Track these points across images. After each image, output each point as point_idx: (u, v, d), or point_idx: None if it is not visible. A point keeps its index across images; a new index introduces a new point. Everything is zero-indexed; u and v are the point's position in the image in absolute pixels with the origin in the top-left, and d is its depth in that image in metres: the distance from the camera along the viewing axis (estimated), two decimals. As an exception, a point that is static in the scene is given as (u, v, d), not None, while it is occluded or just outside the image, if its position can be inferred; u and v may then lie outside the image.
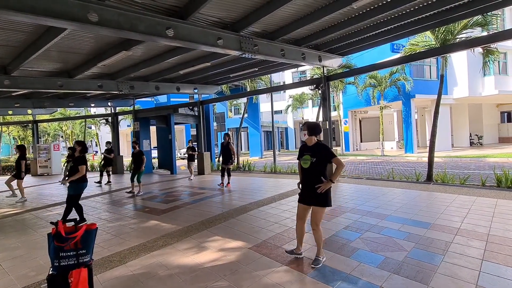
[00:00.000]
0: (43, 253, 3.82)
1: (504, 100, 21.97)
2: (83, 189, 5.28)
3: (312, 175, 3.17)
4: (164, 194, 8.13)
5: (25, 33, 5.79)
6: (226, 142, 8.57)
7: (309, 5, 5.50)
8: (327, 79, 9.06)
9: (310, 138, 3.25)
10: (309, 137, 3.25)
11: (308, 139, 3.26)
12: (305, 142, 3.32)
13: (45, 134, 35.87)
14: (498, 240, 3.63)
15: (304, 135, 3.26)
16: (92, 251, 2.60)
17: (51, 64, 7.95)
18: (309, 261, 3.28)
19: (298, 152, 3.36)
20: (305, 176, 3.24)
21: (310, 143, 3.26)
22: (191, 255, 3.65)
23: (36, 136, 16.87)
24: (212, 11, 5.41)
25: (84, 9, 4.20)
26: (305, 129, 3.26)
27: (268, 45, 6.67)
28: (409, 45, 9.82)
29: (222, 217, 5.31)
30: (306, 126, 3.27)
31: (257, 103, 23.84)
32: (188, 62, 8.68)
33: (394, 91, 19.02)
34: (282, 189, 7.75)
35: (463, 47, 7.33)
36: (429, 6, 5.71)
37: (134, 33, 4.76)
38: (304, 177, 3.26)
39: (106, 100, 14.33)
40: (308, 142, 3.27)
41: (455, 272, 2.89)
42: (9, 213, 6.66)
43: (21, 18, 4.03)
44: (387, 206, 5.44)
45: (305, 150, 3.25)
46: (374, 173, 11.69)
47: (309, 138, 3.25)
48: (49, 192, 9.54)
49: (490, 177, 7.48)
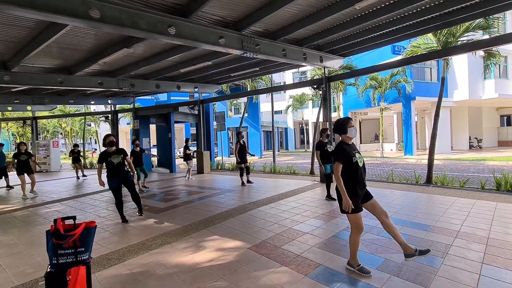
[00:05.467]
0: (41, 250, 3.79)
1: (504, 104, 22.00)
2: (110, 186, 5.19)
3: (364, 172, 3.01)
4: (163, 192, 8.12)
5: (26, 29, 5.76)
6: (242, 141, 8.57)
7: (312, 5, 5.49)
8: (328, 80, 9.04)
9: (350, 137, 3.06)
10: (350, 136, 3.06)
11: (349, 138, 3.05)
12: (344, 141, 3.05)
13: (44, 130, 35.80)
14: (498, 243, 3.62)
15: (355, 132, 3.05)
16: (91, 249, 2.58)
17: (51, 60, 7.92)
18: (308, 261, 3.27)
19: (342, 152, 2.94)
20: (362, 174, 2.97)
21: (350, 141, 3.07)
22: (190, 254, 3.63)
23: (35, 133, 16.83)
24: (214, 10, 5.39)
25: (85, 5, 4.18)
26: (353, 126, 3.03)
27: (269, 44, 6.65)
28: (410, 47, 9.81)
29: (221, 216, 5.29)
30: (352, 123, 3.05)
31: (257, 103, 23.82)
32: (189, 61, 8.66)
33: (395, 93, 19.02)
34: (282, 189, 7.73)
35: (465, 50, 7.31)
36: (431, 8, 5.71)
37: (136, 30, 4.75)
38: (360, 176, 2.95)
39: (106, 97, 14.31)
40: (348, 140, 3.05)
41: (455, 275, 2.87)
42: (7, 209, 6.64)
43: (22, 13, 4.02)
44: (387, 208, 5.33)
45: (351, 149, 2.98)
46: (373, 174, 11.69)
47: (350, 137, 3.06)
48: (48, 189, 9.52)
49: (489, 180, 7.47)
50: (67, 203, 7.06)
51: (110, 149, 5.12)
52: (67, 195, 8.16)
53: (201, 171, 12.15)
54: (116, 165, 5.07)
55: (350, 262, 3.05)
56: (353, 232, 2.99)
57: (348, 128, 3.02)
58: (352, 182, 2.91)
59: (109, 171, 5.08)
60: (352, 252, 3.02)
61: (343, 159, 2.91)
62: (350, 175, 2.91)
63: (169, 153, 13.82)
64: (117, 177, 5.08)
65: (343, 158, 2.91)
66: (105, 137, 5.19)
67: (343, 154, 2.92)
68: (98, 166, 5.14)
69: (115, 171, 5.07)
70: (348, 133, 3.02)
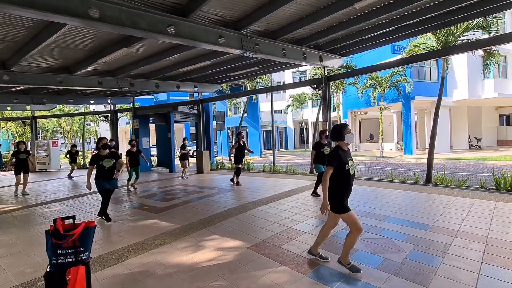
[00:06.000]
0: (40, 250, 3.79)
1: (503, 103, 22.03)
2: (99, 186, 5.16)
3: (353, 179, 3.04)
4: (163, 192, 8.11)
5: (25, 28, 5.75)
6: (242, 142, 8.51)
7: (312, 4, 5.48)
8: (328, 79, 9.04)
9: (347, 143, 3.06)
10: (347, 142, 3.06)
11: (346, 144, 3.06)
12: (341, 146, 3.04)
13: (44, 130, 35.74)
14: (497, 242, 3.62)
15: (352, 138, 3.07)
16: (90, 249, 2.58)
17: (50, 60, 7.90)
18: (308, 261, 3.28)
19: (336, 158, 2.94)
20: (351, 182, 3.03)
21: (346, 148, 3.07)
22: (189, 254, 3.63)
23: (34, 132, 16.80)
24: (214, 9, 5.38)
25: (85, 5, 4.17)
26: (350, 132, 3.05)
27: (269, 44, 6.65)
28: (410, 47, 9.80)
29: (221, 216, 5.29)
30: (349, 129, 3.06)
31: (257, 103, 23.82)
32: (189, 60, 8.65)
33: (394, 93, 19.02)
34: (281, 188, 7.73)
35: (464, 49, 7.32)
36: (431, 7, 5.71)
37: (135, 30, 4.74)
38: (350, 184, 3.01)
39: (106, 97, 14.29)
40: (345, 146, 3.06)
41: (454, 275, 2.88)
42: (6, 209, 6.63)
43: (21, 13, 4.01)
44: (386, 207, 5.43)
45: (346, 156, 3.00)
46: (373, 174, 11.70)
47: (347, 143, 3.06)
48: (47, 189, 9.51)
49: (489, 179, 7.49)
50: (67, 203, 7.06)
51: (103, 152, 5.09)
52: (67, 195, 8.15)
53: (201, 171, 12.14)
54: (107, 169, 5.03)
55: (340, 261, 3.07)
56: (353, 233, 2.99)
57: (346, 135, 3.02)
58: (340, 188, 2.98)
59: (99, 174, 5.05)
60: (345, 251, 3.03)
61: (336, 164, 2.93)
62: (341, 180, 2.96)
63: (168, 152, 13.81)
64: (106, 181, 5.07)
65: (337, 163, 2.94)
66: (98, 140, 5.19)
67: (337, 160, 2.94)
68: (89, 168, 5.11)
69: (105, 175, 5.04)
70: (345, 140, 3.02)
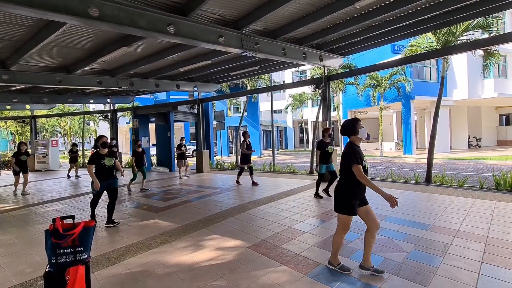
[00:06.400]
0: (40, 250, 3.78)
1: (503, 103, 22.04)
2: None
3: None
4: (163, 191, 8.10)
5: (24, 27, 5.73)
6: (248, 141, 8.47)
7: (312, 3, 5.47)
8: (328, 79, 9.03)
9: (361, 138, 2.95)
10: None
11: (359, 139, 2.94)
12: (354, 142, 2.92)
13: (43, 129, 35.69)
14: (497, 242, 3.62)
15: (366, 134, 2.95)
16: (90, 249, 2.57)
17: (50, 59, 7.88)
18: (308, 260, 3.27)
19: (357, 154, 2.81)
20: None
21: (359, 143, 2.95)
22: (189, 253, 3.62)
23: (34, 132, 16.78)
24: (213, 8, 5.37)
25: (84, 4, 4.16)
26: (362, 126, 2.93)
27: (269, 43, 6.63)
28: (410, 46, 9.80)
29: (220, 215, 5.29)
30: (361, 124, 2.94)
31: (256, 102, 23.80)
32: (189, 60, 8.63)
33: (394, 92, 19.02)
34: (281, 188, 7.73)
35: (464, 49, 7.31)
36: (431, 7, 5.70)
37: (135, 29, 4.73)
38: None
39: (105, 96, 14.27)
40: (358, 142, 2.93)
41: (454, 274, 2.88)
42: (5, 208, 6.62)
43: (20, 12, 3.98)
44: (386, 207, 5.40)
45: (361, 153, 2.88)
46: (373, 173, 11.69)
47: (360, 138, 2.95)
48: (47, 188, 9.49)
49: (488, 179, 7.49)
50: (66, 202, 7.05)
51: (103, 151, 4.87)
52: (66, 194, 8.14)
53: (201, 170, 12.13)
54: (108, 168, 4.83)
55: (330, 261, 3.05)
56: (339, 232, 2.99)
57: (359, 129, 2.88)
58: (353, 185, 2.86)
59: (98, 174, 4.79)
60: (334, 251, 3.02)
61: (359, 159, 2.78)
62: (354, 177, 2.81)
63: (168, 152, 13.80)
64: (105, 181, 4.83)
65: (359, 158, 2.78)
66: (98, 138, 4.97)
67: (357, 155, 2.79)
68: (90, 167, 4.80)
69: (105, 175, 4.82)
70: (359, 134, 2.88)
